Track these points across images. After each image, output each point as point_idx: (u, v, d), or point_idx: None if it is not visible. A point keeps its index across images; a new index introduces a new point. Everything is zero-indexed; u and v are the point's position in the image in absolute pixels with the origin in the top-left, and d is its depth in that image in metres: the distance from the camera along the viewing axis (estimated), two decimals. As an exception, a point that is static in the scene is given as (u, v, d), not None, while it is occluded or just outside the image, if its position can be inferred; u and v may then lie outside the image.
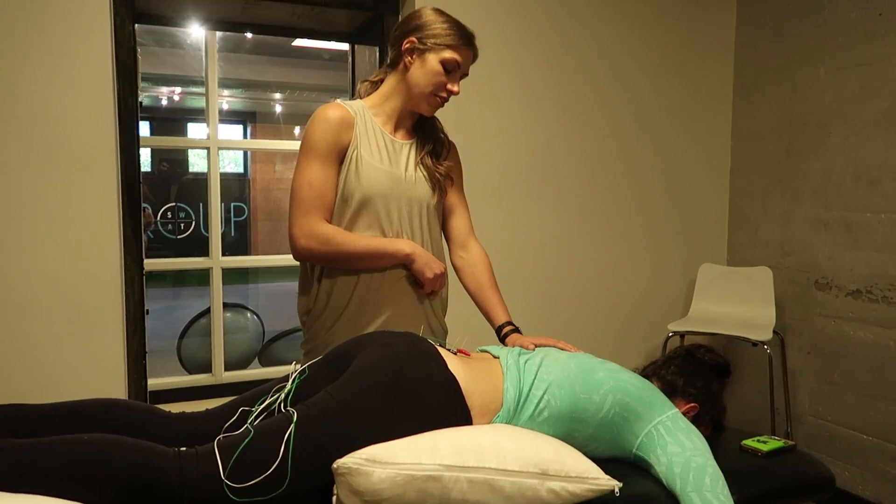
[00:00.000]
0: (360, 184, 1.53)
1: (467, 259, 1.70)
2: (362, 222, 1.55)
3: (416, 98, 1.58)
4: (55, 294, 2.13)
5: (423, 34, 1.54)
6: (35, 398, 1.32)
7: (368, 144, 1.56)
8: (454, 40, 1.54)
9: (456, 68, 1.56)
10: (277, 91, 8.76)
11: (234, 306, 4.13)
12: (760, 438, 1.59)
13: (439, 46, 1.53)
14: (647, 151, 2.98)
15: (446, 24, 1.55)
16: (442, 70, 1.54)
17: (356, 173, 1.53)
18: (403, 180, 1.57)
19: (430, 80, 1.55)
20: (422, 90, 1.56)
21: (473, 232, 1.74)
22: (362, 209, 1.54)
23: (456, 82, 1.58)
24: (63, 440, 1.05)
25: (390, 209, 1.56)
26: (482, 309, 1.66)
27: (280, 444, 1.10)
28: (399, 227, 1.57)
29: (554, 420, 1.28)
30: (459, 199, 1.73)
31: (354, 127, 1.54)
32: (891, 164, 2.51)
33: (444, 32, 1.54)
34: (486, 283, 1.66)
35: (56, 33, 2.07)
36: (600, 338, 2.90)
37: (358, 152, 1.54)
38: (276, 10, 2.58)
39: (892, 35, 2.50)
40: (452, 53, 1.54)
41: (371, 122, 1.58)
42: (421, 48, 1.54)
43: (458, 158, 1.74)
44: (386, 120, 1.61)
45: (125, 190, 2.25)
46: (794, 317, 2.88)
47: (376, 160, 1.55)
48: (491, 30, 2.63)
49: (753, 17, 3.03)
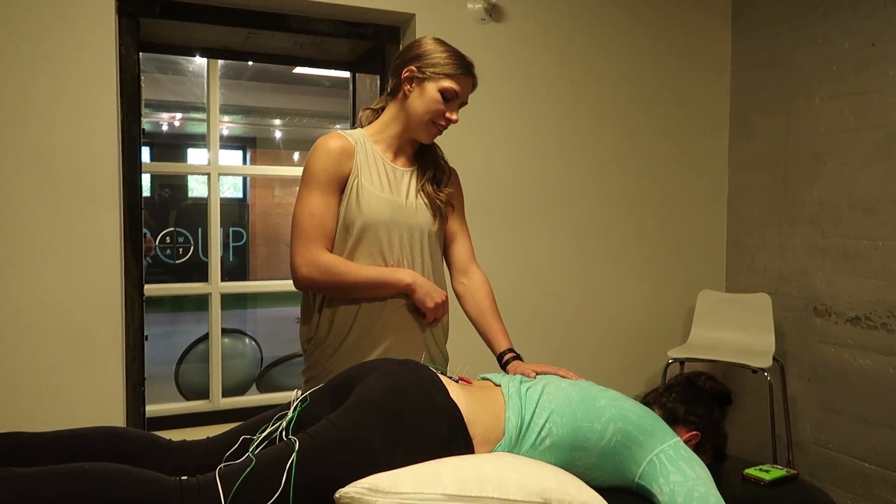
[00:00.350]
0: (361, 212, 1.54)
1: (468, 285, 1.70)
2: (363, 250, 1.55)
3: (414, 126, 1.59)
4: (55, 320, 2.12)
5: (423, 63, 1.56)
6: (34, 424, 1.31)
7: (369, 173, 1.57)
8: (453, 69, 1.56)
9: (455, 97, 1.57)
10: (277, 117, 8.82)
11: (233, 332, 4.11)
12: (763, 467, 1.58)
13: (438, 75, 1.55)
14: (646, 180, 3.01)
15: (446, 53, 1.57)
16: (441, 98, 1.55)
17: (357, 202, 1.54)
18: (404, 208, 1.58)
19: (429, 109, 1.56)
20: (420, 118, 1.57)
21: (475, 258, 1.74)
22: (363, 237, 1.55)
23: (455, 111, 1.59)
24: (64, 469, 1.04)
25: (391, 237, 1.56)
26: (483, 335, 1.66)
27: (282, 472, 1.09)
28: (400, 255, 1.58)
29: (556, 448, 1.28)
30: (461, 226, 1.73)
31: (355, 156, 1.56)
32: (886, 193, 2.53)
33: (444, 62, 1.55)
34: (488, 310, 1.67)
35: (62, 61, 2.10)
36: (600, 364, 2.90)
37: (359, 181, 1.55)
38: (279, 39, 2.62)
39: (884, 65, 2.54)
40: (451, 83, 1.56)
41: (371, 150, 1.59)
42: (420, 77, 1.56)
43: (459, 185, 1.75)
44: (386, 148, 1.62)
45: (127, 216, 2.26)
46: (794, 343, 2.88)
47: (377, 188, 1.56)
48: (491, 59, 2.67)
49: (748, 47, 3.08)
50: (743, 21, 3.10)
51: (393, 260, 1.57)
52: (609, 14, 2.88)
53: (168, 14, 2.31)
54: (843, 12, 2.68)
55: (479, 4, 2.62)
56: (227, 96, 6.93)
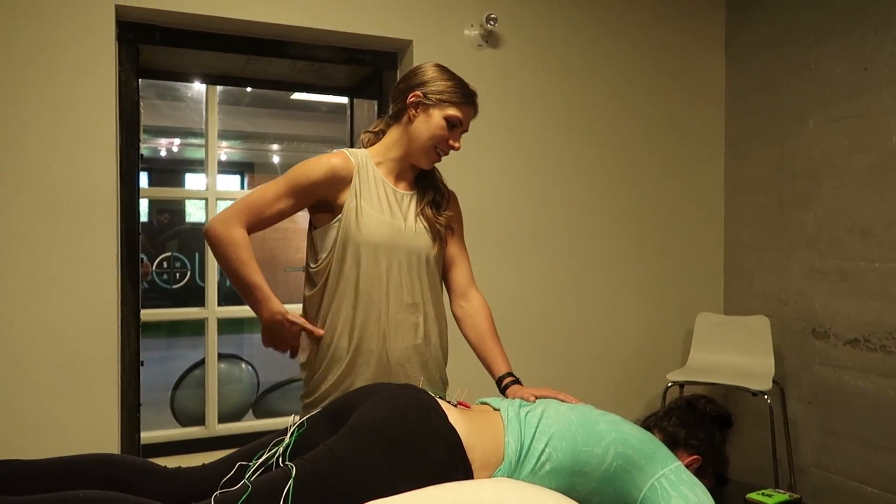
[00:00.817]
0: (361, 233, 1.54)
1: (467, 309, 1.69)
2: (362, 270, 1.54)
3: (416, 151, 1.60)
4: (51, 345, 2.11)
5: (429, 90, 1.57)
6: (28, 449, 1.29)
7: (370, 195, 1.57)
8: (458, 97, 1.58)
9: (458, 125, 1.60)
10: (275, 142, 8.87)
11: (229, 357, 4.09)
12: (765, 492, 1.57)
13: (444, 103, 1.57)
14: (643, 203, 3.02)
15: (450, 81, 1.59)
16: (445, 125, 1.57)
17: (356, 223, 1.54)
18: (404, 231, 1.59)
19: (433, 135, 1.58)
20: (423, 144, 1.59)
21: (474, 281, 1.74)
22: (361, 258, 1.55)
23: (457, 139, 1.61)
24: (58, 497, 1.03)
25: (391, 260, 1.56)
26: (482, 359, 1.65)
27: (279, 499, 1.08)
28: (399, 279, 1.57)
29: (556, 473, 1.26)
30: (460, 250, 1.73)
31: (354, 177, 1.56)
32: (882, 215, 2.55)
33: (449, 89, 1.58)
34: (486, 334, 1.66)
35: (63, 88, 2.11)
36: (599, 388, 2.88)
37: (358, 202, 1.55)
38: (278, 65, 2.64)
39: (877, 89, 2.57)
40: (456, 110, 1.58)
41: (374, 173, 1.60)
42: (427, 103, 1.57)
43: (458, 208, 1.76)
44: (388, 171, 1.63)
45: (124, 242, 2.26)
46: (794, 366, 2.87)
47: (377, 211, 1.57)
48: (488, 85, 2.69)
49: (742, 73, 3.11)
50: (736, 47, 3.14)
51: (391, 283, 1.56)
52: (604, 40, 2.92)
53: (168, 41, 2.34)
54: (835, 38, 2.72)
55: (475, 31, 2.66)
56: (225, 122, 6.98)
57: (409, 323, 1.58)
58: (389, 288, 1.56)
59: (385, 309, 1.55)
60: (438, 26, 2.60)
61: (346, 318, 1.55)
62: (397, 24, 2.53)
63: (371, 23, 2.49)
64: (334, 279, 1.56)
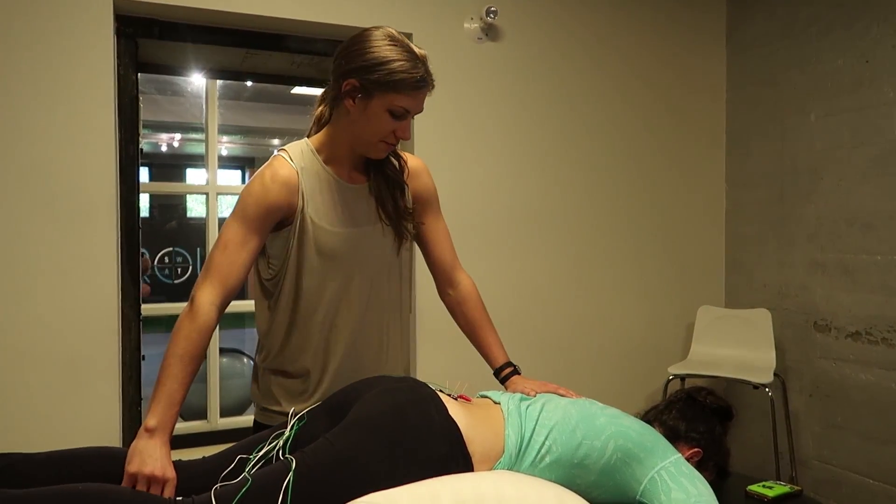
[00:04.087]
0: (320, 247, 1.40)
1: (455, 297, 1.60)
2: (329, 280, 1.42)
3: (361, 146, 1.39)
4: (51, 340, 2.11)
5: (366, 77, 1.30)
6: (29, 444, 1.29)
7: (320, 203, 1.40)
8: (403, 85, 1.30)
9: (405, 114, 1.35)
10: (276, 137, 8.86)
11: (231, 351, 4.09)
12: (766, 484, 1.57)
13: (386, 92, 1.30)
14: (644, 197, 3.01)
15: (395, 63, 1.29)
16: (389, 118, 1.33)
17: (310, 237, 1.39)
18: (362, 238, 1.44)
19: (375, 129, 1.35)
20: (367, 139, 1.37)
21: (458, 261, 1.61)
22: (329, 265, 1.42)
23: (406, 128, 1.36)
24: (57, 490, 1.03)
25: (352, 270, 1.43)
26: (478, 348, 1.59)
27: (278, 492, 1.08)
28: (366, 288, 1.45)
29: (556, 466, 1.26)
30: (437, 226, 1.57)
31: (300, 186, 1.37)
32: (883, 209, 2.54)
33: (391, 75, 1.29)
34: (479, 322, 1.57)
35: (60, 82, 2.11)
36: (600, 382, 2.88)
37: (306, 216, 1.38)
38: (276, 59, 2.63)
39: (878, 82, 2.55)
40: (401, 99, 1.32)
41: (321, 172, 1.41)
42: (364, 93, 1.31)
43: (427, 180, 1.54)
44: (338, 164, 1.42)
45: (124, 237, 2.26)
46: (795, 359, 2.87)
47: (326, 222, 1.40)
48: (488, 78, 2.69)
49: (743, 66, 3.10)
50: (737, 40, 3.13)
51: (358, 292, 1.44)
52: (605, 33, 2.91)
53: (166, 35, 2.33)
54: (836, 30, 2.70)
55: (475, 24, 2.65)
56: (225, 116, 6.97)
57: (370, 336, 1.48)
58: (354, 298, 1.44)
59: (343, 323, 1.44)
60: (438, 19, 2.59)
61: (305, 336, 1.44)
62: (396, 17, 2.52)
63: (370, 16, 2.47)
64: (282, 294, 1.43)
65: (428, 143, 2.51)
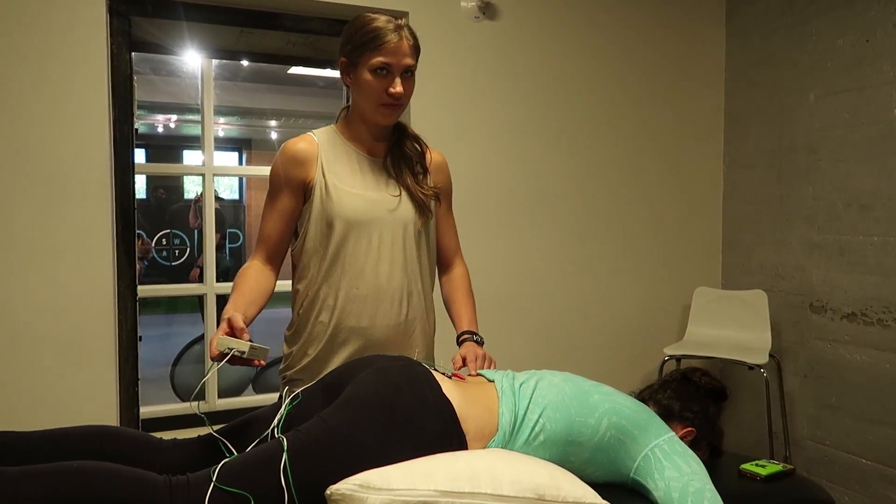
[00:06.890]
0: (342, 210, 1.48)
1: (446, 278, 1.71)
2: (349, 247, 1.49)
3: (368, 114, 1.50)
4: (47, 321, 2.11)
5: (349, 49, 1.47)
6: (25, 425, 1.30)
7: (340, 170, 1.50)
8: (371, 43, 1.42)
9: (387, 68, 1.44)
10: (273, 118, 8.81)
11: (228, 333, 4.09)
12: (759, 462, 1.57)
13: (363, 55, 1.44)
14: (641, 177, 3.00)
15: (364, 27, 1.44)
16: (374, 79, 1.44)
17: (328, 199, 1.48)
18: (381, 202, 1.51)
19: (369, 93, 1.45)
20: (368, 105, 1.48)
21: (460, 251, 1.73)
22: (349, 234, 1.49)
23: (395, 83, 1.44)
24: (51, 467, 1.03)
25: (371, 234, 1.49)
26: (451, 318, 1.66)
27: (272, 469, 1.08)
28: (381, 252, 1.50)
29: (550, 444, 1.27)
30: (446, 219, 1.68)
31: (319, 155, 1.49)
32: (881, 189, 2.53)
33: (361, 38, 1.43)
34: (458, 294, 1.66)
35: (52, 60, 2.09)
36: (596, 362, 2.89)
37: (326, 180, 1.48)
38: (272, 38, 2.61)
39: (878, 61, 2.54)
40: (376, 56, 1.43)
41: (343, 147, 1.53)
42: (351, 65, 1.47)
43: (447, 174, 1.66)
44: (360, 142, 1.55)
45: (119, 217, 2.25)
46: (790, 340, 2.88)
47: (348, 185, 1.50)
48: (485, 57, 2.66)
49: (742, 45, 3.08)
50: (737, 19, 3.10)
51: (378, 256, 1.50)
52: (603, 12, 2.88)
53: (160, 13, 2.30)
54: (836, 9, 2.68)
55: (472, 3, 2.62)
56: (221, 97, 6.92)
57: (391, 301, 1.52)
58: (367, 264, 1.49)
59: (365, 286, 1.49)
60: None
61: (324, 296, 1.51)
62: (393, -4, 2.49)
63: (366, -6, 2.45)
64: (309, 258, 1.52)
65: (424, 122, 2.49)
